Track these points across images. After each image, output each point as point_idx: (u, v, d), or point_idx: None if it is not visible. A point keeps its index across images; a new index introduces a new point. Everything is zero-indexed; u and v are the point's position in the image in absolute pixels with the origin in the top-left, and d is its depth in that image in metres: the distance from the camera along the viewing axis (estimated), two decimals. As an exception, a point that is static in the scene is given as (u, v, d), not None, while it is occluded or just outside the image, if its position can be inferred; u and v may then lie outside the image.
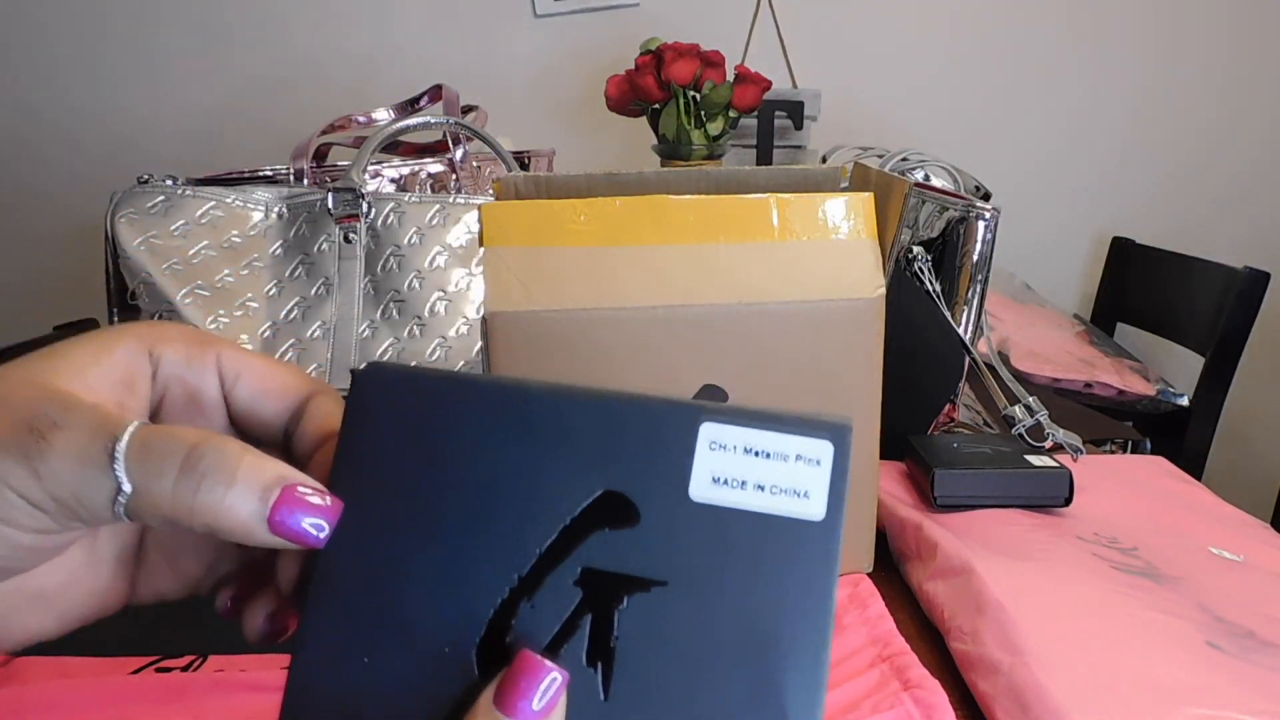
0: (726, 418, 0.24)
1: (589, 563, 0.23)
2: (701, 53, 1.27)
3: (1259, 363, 1.58)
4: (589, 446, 0.24)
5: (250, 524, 0.22)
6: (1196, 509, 0.70)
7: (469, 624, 0.23)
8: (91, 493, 0.21)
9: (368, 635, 0.23)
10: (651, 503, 0.24)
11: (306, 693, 0.23)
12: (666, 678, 0.23)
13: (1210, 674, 0.45)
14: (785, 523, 0.23)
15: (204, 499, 0.21)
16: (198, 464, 0.21)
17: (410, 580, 0.23)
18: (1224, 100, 1.80)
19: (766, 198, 0.57)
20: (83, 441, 0.21)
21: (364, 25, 1.78)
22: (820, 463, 0.24)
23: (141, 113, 1.80)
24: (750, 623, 0.23)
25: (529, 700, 0.21)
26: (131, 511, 0.21)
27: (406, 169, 1.00)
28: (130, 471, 0.21)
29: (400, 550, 0.23)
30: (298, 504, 0.22)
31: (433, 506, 0.24)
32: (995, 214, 0.75)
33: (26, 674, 0.51)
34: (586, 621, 0.23)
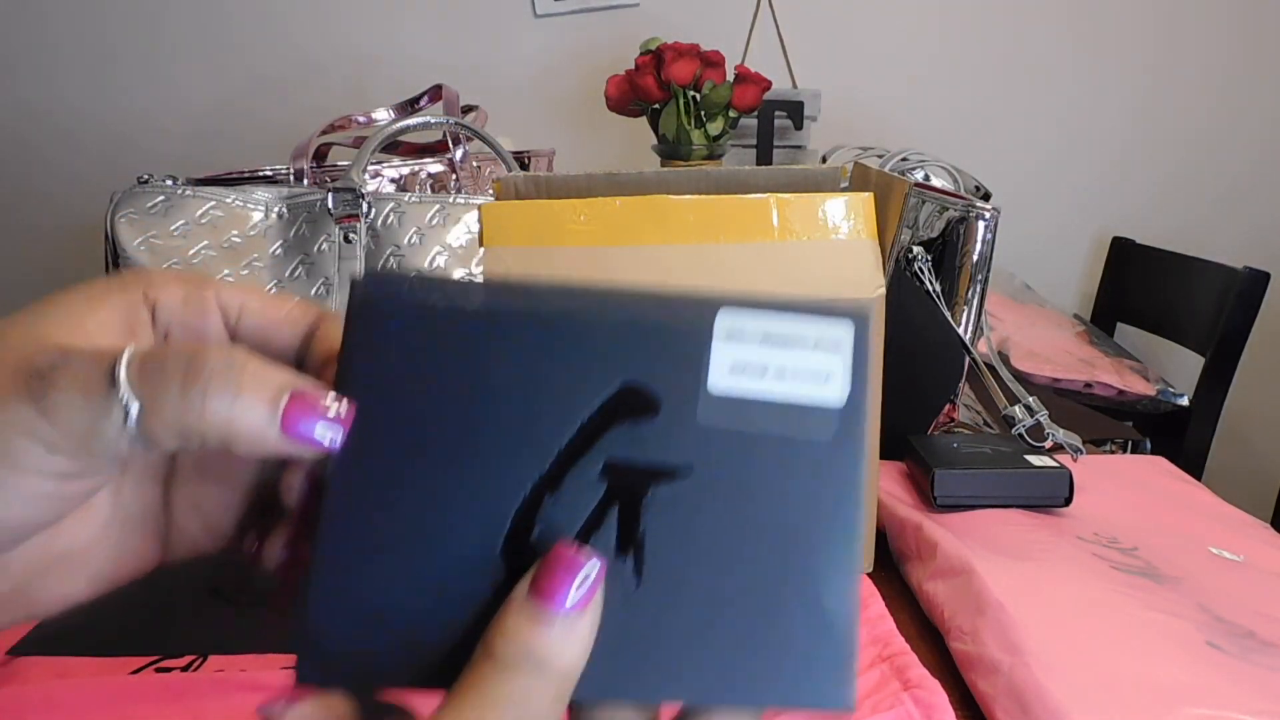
0: (743, 305, 0.24)
1: (612, 456, 0.23)
2: (701, 53, 1.27)
3: (1259, 363, 1.58)
4: (604, 342, 0.23)
5: (262, 431, 0.21)
6: (1196, 509, 0.70)
7: (492, 523, 0.23)
8: (100, 419, 0.21)
9: (388, 542, 0.23)
10: (671, 394, 0.23)
11: (330, 602, 0.23)
12: (698, 565, 0.23)
13: (1210, 674, 0.45)
14: (807, 408, 0.23)
15: (213, 407, 0.21)
16: (201, 370, 0.21)
17: (427, 481, 0.23)
18: (1224, 100, 1.80)
19: (766, 198, 0.57)
20: (84, 372, 0.21)
21: (364, 25, 1.78)
22: (841, 346, 0.24)
23: (142, 113, 1.80)
24: (778, 510, 0.23)
25: (566, 590, 0.21)
26: (146, 432, 0.21)
27: (406, 169, 1.00)
28: (136, 389, 0.21)
29: (414, 457, 0.23)
30: (309, 409, 0.22)
31: (446, 412, 0.23)
32: (995, 214, 0.75)
33: (26, 674, 0.51)
34: (613, 513, 0.23)
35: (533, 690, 0.21)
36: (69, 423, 0.21)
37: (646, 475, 0.23)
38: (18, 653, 0.53)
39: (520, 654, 0.21)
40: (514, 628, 0.21)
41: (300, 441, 0.22)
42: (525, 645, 0.21)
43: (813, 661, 0.23)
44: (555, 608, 0.21)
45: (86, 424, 0.21)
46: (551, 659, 0.21)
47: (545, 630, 0.21)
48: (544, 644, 0.21)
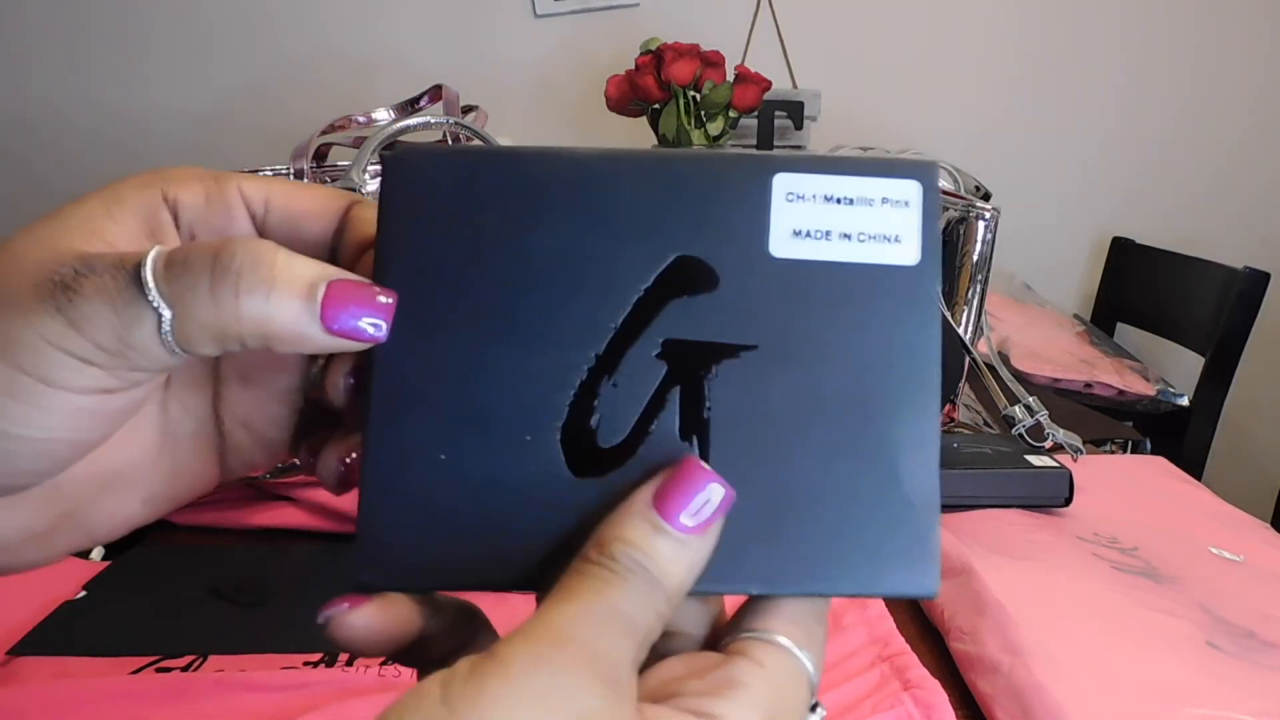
0: (802, 165, 0.22)
1: (670, 334, 0.21)
2: (701, 53, 1.27)
3: (1259, 363, 1.58)
4: (654, 211, 0.22)
5: (302, 327, 0.20)
6: (1196, 509, 0.70)
7: (547, 409, 0.21)
8: (133, 328, 0.19)
9: (441, 430, 0.21)
10: (730, 264, 0.22)
11: (385, 500, 0.21)
12: (768, 445, 0.21)
13: (1210, 674, 0.45)
14: (878, 270, 0.22)
15: (247, 305, 0.19)
16: (230, 265, 0.19)
17: (478, 369, 0.21)
18: (1224, 101, 1.80)
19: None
20: (110, 279, 0.19)
21: (364, 26, 1.78)
22: (909, 204, 0.22)
23: (141, 113, 1.80)
24: (851, 379, 0.21)
25: (690, 507, 0.20)
26: (181, 339, 0.20)
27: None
28: (164, 293, 0.19)
29: (462, 340, 0.22)
30: (350, 298, 0.20)
31: (491, 290, 0.22)
32: (995, 214, 0.75)
33: (26, 674, 0.51)
34: (675, 395, 0.21)
35: (639, 602, 0.19)
36: (99, 334, 0.19)
37: (709, 353, 0.21)
38: (18, 653, 0.53)
39: (634, 564, 0.20)
40: (632, 536, 0.20)
41: (344, 335, 0.20)
42: (642, 557, 0.20)
43: (892, 544, 0.21)
44: (676, 523, 0.20)
45: (118, 334, 0.19)
46: (664, 575, 0.20)
47: (664, 544, 0.20)
48: (661, 558, 0.20)
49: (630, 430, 0.21)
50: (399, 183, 0.22)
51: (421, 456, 0.21)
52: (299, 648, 0.54)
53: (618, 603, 0.19)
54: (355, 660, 0.53)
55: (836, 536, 0.21)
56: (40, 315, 0.19)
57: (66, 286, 0.19)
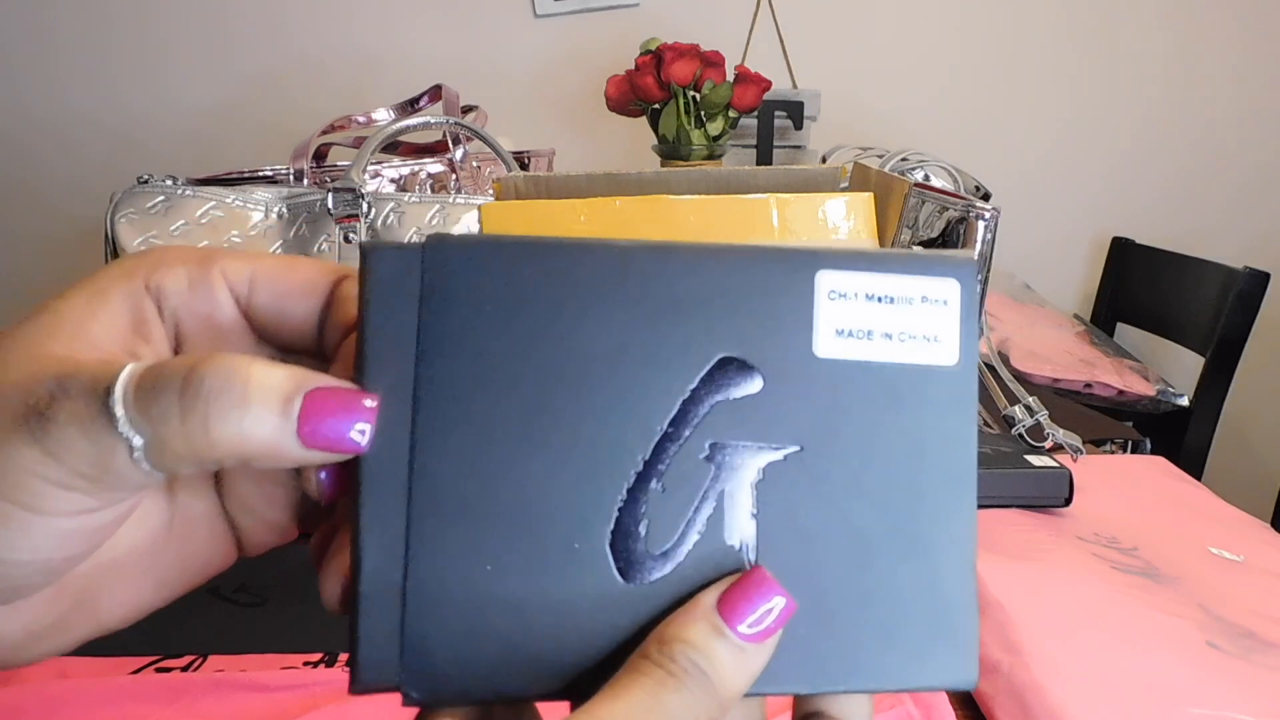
0: (844, 262, 0.22)
1: (715, 436, 0.21)
2: (701, 53, 1.27)
3: (1259, 363, 1.58)
4: (697, 309, 0.21)
5: (279, 443, 0.19)
6: (1196, 509, 0.70)
7: (595, 515, 0.21)
8: (108, 455, 0.19)
9: (486, 539, 0.21)
10: (775, 364, 0.22)
11: (428, 608, 0.21)
12: (811, 546, 0.21)
13: (1210, 674, 0.45)
14: (918, 371, 0.22)
15: (218, 429, 0.19)
16: (199, 390, 0.19)
17: (520, 475, 0.21)
18: (1224, 100, 1.80)
19: (766, 198, 0.57)
20: (82, 405, 0.19)
21: (364, 25, 1.78)
22: (948, 303, 0.22)
23: (141, 113, 1.80)
24: (890, 480, 0.22)
25: (755, 615, 0.20)
26: (155, 464, 0.19)
27: (406, 169, 1.00)
28: (134, 421, 0.19)
29: (501, 445, 0.21)
30: (330, 408, 0.20)
31: (528, 391, 0.21)
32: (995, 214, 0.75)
33: (26, 674, 0.51)
34: (722, 498, 0.21)
35: (692, 705, 0.19)
36: (76, 461, 0.19)
37: (755, 455, 0.22)
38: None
39: (693, 667, 0.20)
40: (694, 638, 0.20)
41: (325, 448, 0.20)
42: (701, 660, 0.20)
43: (932, 642, 0.22)
44: (739, 629, 0.20)
45: (93, 462, 0.19)
46: (721, 681, 0.20)
47: (725, 649, 0.20)
48: (719, 664, 0.20)
49: (679, 535, 0.21)
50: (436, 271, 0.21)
51: (466, 567, 0.21)
52: (299, 648, 0.54)
53: (669, 704, 0.19)
54: (355, 660, 0.53)
55: (878, 635, 0.22)
56: (17, 445, 0.19)
57: (41, 414, 0.19)
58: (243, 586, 0.61)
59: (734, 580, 0.21)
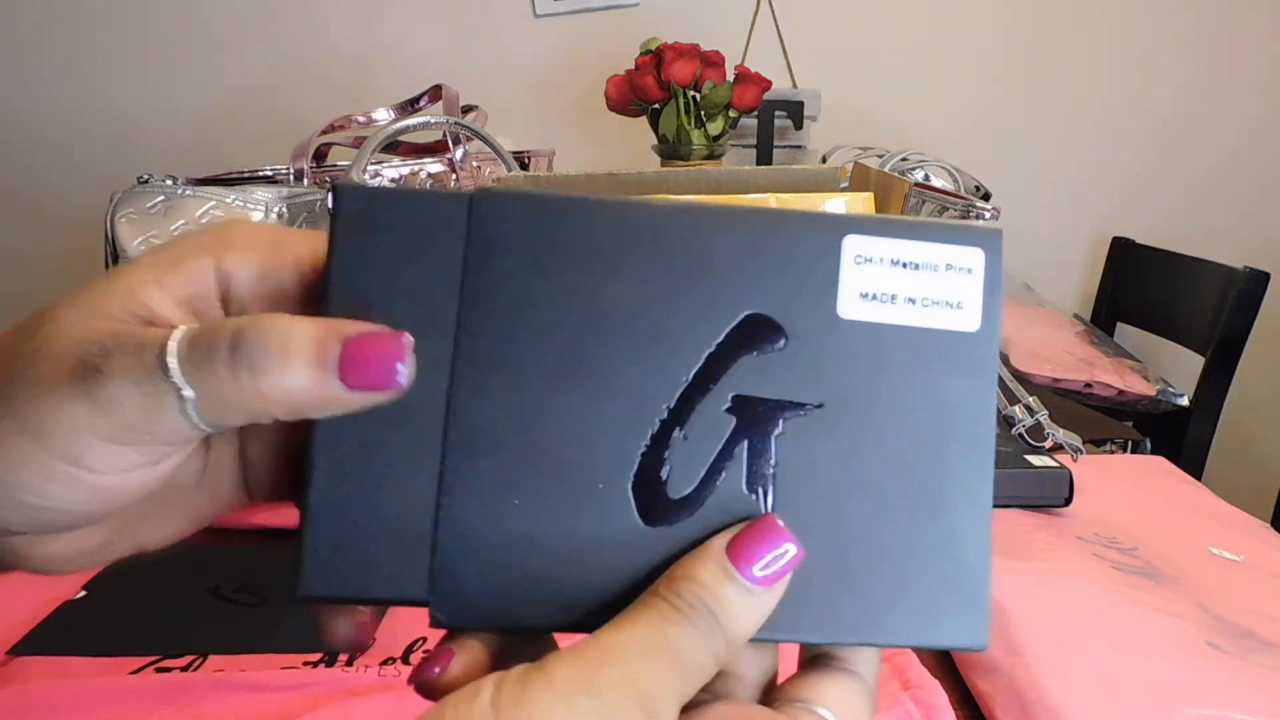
0: (872, 228, 0.23)
1: (739, 389, 0.22)
2: (701, 53, 1.27)
3: (1259, 363, 1.58)
4: (727, 267, 0.22)
5: (325, 390, 0.20)
6: (1196, 509, 0.70)
7: (620, 458, 0.22)
8: (158, 408, 0.20)
9: (515, 476, 0.22)
10: (799, 323, 0.22)
11: (463, 539, 0.22)
12: (829, 501, 0.22)
13: (1210, 674, 0.45)
14: (940, 335, 0.23)
15: (265, 383, 0.20)
16: (242, 345, 0.20)
17: (553, 416, 0.22)
18: (1224, 100, 1.80)
19: (766, 198, 0.57)
20: (135, 359, 0.20)
21: (364, 25, 1.78)
22: (972, 271, 0.23)
23: (141, 113, 1.80)
24: (910, 440, 0.22)
25: (764, 559, 0.21)
26: (207, 416, 0.20)
27: (406, 169, 1.00)
28: (187, 374, 0.20)
29: (535, 389, 0.22)
30: (366, 351, 0.20)
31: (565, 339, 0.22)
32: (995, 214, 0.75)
33: (26, 674, 0.51)
34: (743, 449, 0.22)
35: (699, 644, 0.20)
36: (127, 415, 0.20)
37: (776, 410, 0.22)
38: (18, 653, 0.53)
39: (700, 605, 0.20)
40: (703, 577, 0.21)
41: (371, 388, 0.20)
42: (708, 598, 0.20)
43: (946, 600, 0.22)
44: (748, 573, 0.21)
45: (144, 416, 0.20)
46: (728, 620, 0.20)
47: (733, 590, 0.21)
48: (727, 603, 0.21)
49: (699, 482, 0.22)
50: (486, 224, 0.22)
51: (496, 503, 0.22)
52: (299, 648, 0.54)
53: (672, 637, 0.20)
54: (355, 660, 0.53)
55: (893, 591, 0.22)
56: (70, 401, 0.20)
57: (95, 369, 0.20)
58: (243, 586, 0.61)
59: (745, 527, 0.22)
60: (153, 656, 0.53)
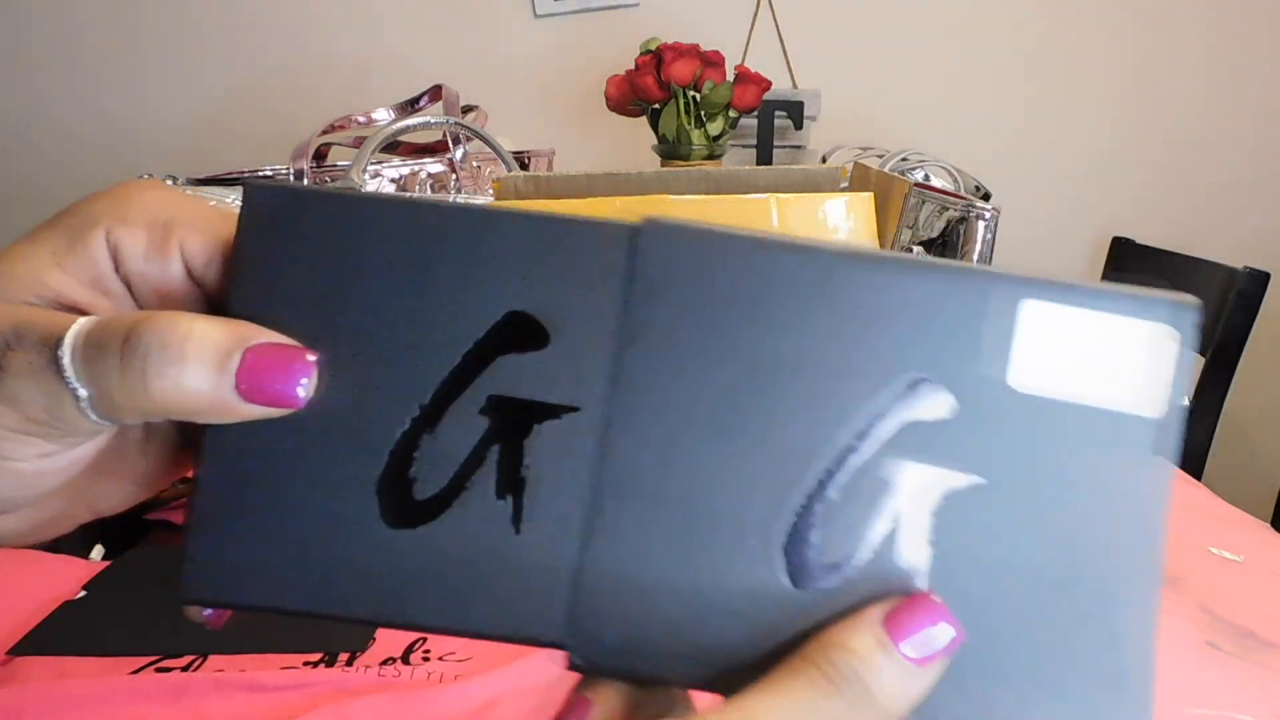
0: (1054, 294, 0.21)
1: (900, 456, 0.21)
2: (701, 53, 1.27)
3: (1259, 363, 1.58)
4: (896, 324, 0.21)
5: (219, 398, 0.20)
6: (1196, 509, 0.70)
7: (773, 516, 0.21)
8: (57, 406, 0.20)
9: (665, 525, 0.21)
10: (967, 391, 0.21)
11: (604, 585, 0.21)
12: (988, 583, 0.21)
13: (1210, 674, 0.45)
14: (1121, 418, 0.21)
15: (156, 384, 0.19)
16: (136, 347, 0.19)
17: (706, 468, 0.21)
18: (1224, 100, 1.80)
19: (766, 198, 0.57)
20: (32, 355, 0.20)
21: (364, 25, 1.78)
22: (1160, 350, 0.21)
23: (142, 112, 1.80)
24: (1079, 529, 0.21)
25: (913, 637, 0.20)
26: (103, 415, 0.20)
27: (406, 169, 1.00)
28: (80, 373, 0.19)
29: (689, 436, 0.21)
30: (270, 364, 0.20)
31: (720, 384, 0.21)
32: (995, 214, 0.75)
33: (26, 674, 0.51)
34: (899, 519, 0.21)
35: (846, 712, 0.19)
36: (29, 410, 0.20)
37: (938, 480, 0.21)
38: (18, 653, 0.53)
39: (854, 676, 0.19)
40: (857, 646, 0.20)
41: (267, 403, 0.20)
42: (863, 670, 0.19)
43: (1108, 701, 0.21)
44: (903, 649, 0.20)
45: (45, 410, 0.20)
46: (882, 696, 0.19)
47: (888, 664, 0.20)
48: (882, 677, 0.19)
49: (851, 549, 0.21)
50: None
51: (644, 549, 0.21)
52: (299, 648, 0.54)
53: (824, 709, 0.19)
54: (355, 660, 0.53)
55: (1052, 689, 0.21)
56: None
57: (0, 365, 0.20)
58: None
59: (903, 599, 0.20)
60: (153, 656, 0.53)
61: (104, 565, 0.64)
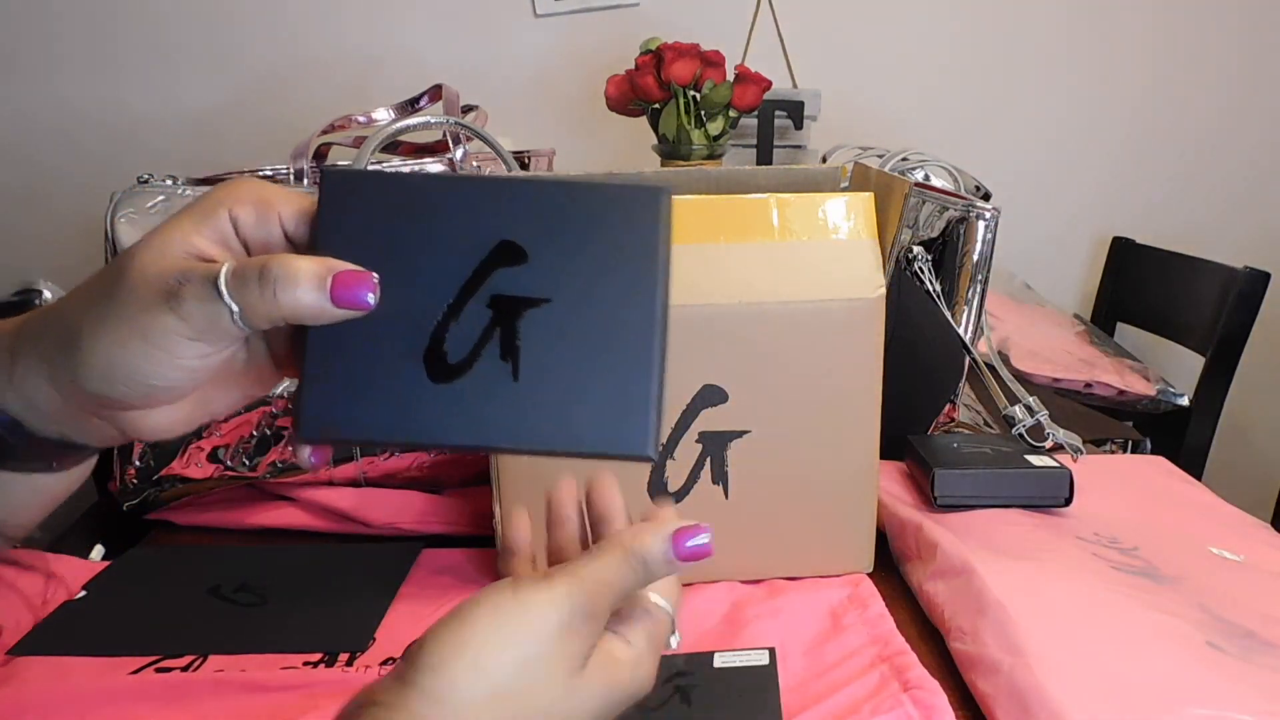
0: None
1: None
2: (701, 53, 1.27)
3: (1259, 363, 1.58)
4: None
5: (319, 306, 0.31)
6: (1196, 509, 0.70)
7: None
8: (216, 317, 0.31)
9: None
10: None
11: None
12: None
13: (1210, 674, 0.45)
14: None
15: (283, 299, 0.30)
16: (269, 276, 0.30)
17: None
18: (1224, 100, 1.80)
19: (767, 198, 0.57)
20: (199, 287, 0.30)
21: (364, 25, 1.78)
22: None
23: (141, 113, 1.80)
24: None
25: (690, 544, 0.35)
26: (247, 321, 0.31)
27: (406, 169, 1.00)
28: (233, 295, 0.30)
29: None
30: (349, 283, 0.31)
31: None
32: (995, 214, 0.75)
33: (26, 674, 0.51)
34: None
35: (632, 580, 0.35)
36: (198, 322, 0.31)
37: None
38: (18, 653, 0.53)
39: (644, 563, 0.35)
40: (652, 545, 0.35)
41: (349, 306, 0.31)
42: (650, 560, 0.35)
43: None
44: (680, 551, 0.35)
45: (209, 321, 0.31)
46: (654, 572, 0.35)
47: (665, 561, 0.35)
48: (658, 566, 0.35)
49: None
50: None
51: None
52: (299, 648, 0.54)
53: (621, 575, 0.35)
54: (355, 660, 0.53)
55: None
56: (163, 313, 0.31)
57: (174, 294, 0.31)
58: (243, 586, 0.61)
59: (691, 526, 0.35)
60: (153, 656, 0.53)
61: (104, 565, 0.64)
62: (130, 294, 0.31)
